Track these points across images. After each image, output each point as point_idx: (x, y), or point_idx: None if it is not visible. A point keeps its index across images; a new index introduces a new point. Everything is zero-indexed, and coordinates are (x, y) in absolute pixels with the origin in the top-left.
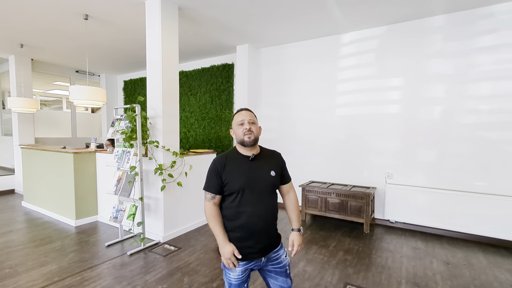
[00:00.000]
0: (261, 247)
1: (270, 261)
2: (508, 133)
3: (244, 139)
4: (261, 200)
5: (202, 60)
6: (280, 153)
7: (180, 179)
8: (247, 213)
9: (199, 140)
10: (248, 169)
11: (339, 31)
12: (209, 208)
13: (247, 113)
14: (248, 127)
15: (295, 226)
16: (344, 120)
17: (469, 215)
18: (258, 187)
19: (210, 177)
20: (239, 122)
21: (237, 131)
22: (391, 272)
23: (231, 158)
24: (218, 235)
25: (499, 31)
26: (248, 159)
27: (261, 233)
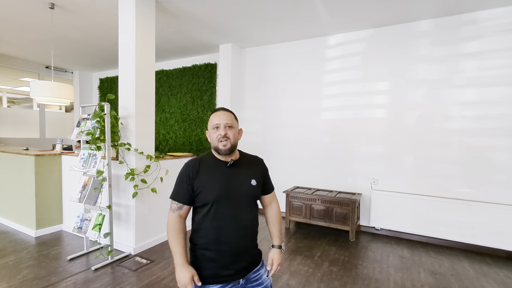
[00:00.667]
0: (239, 267)
1: (249, 282)
2: (492, 140)
3: (219, 147)
4: (240, 213)
5: (184, 59)
6: (262, 159)
7: (155, 185)
8: (223, 228)
9: (179, 142)
10: (225, 177)
11: (325, 33)
12: (173, 221)
13: (224, 114)
14: (223, 132)
15: (276, 242)
16: (329, 124)
17: (454, 222)
18: (237, 198)
19: (179, 184)
20: (214, 125)
21: (212, 135)
22: (379, 285)
23: (206, 164)
24: (177, 255)
25: (483, 38)
26: (225, 165)
27: (239, 251)
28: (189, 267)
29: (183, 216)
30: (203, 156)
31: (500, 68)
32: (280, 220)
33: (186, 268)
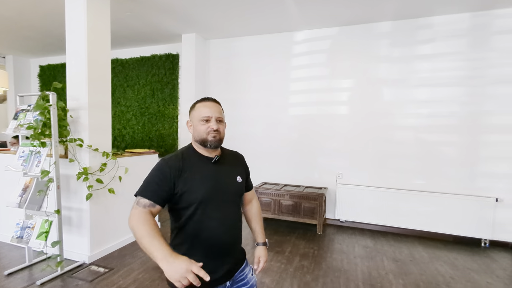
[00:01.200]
0: (227, 269)
1: (235, 283)
2: (442, 136)
3: (208, 139)
4: (227, 212)
5: (142, 48)
6: (243, 155)
7: (113, 185)
8: (211, 229)
9: (138, 138)
10: (211, 174)
11: (293, 28)
12: (144, 214)
13: (215, 106)
14: (216, 127)
15: (261, 239)
16: (297, 119)
17: (410, 212)
18: (224, 196)
19: (154, 181)
20: (203, 117)
21: (199, 127)
22: (348, 275)
23: (190, 160)
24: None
25: (436, 41)
26: (210, 161)
27: (227, 252)
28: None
29: (154, 214)
30: (184, 152)
31: (450, 70)
32: (261, 217)
33: (179, 257)
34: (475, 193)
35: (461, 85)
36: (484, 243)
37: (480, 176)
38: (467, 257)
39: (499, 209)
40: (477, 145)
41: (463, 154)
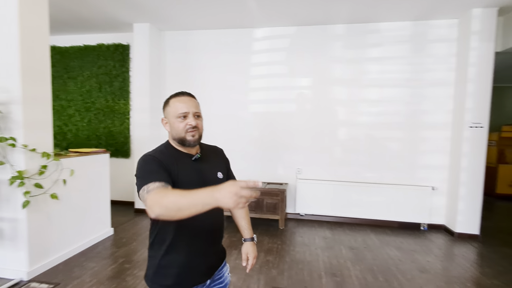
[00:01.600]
0: (210, 266)
1: (213, 282)
2: (389, 132)
3: (186, 137)
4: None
5: (86, 36)
6: (222, 150)
7: (55, 189)
8: (192, 228)
9: (82, 136)
10: (192, 171)
11: (252, 24)
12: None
13: (192, 101)
14: (194, 123)
15: (248, 235)
16: (258, 116)
17: (362, 203)
18: None
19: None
20: (180, 113)
21: (176, 125)
22: (311, 267)
23: (171, 157)
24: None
25: (383, 46)
26: (190, 158)
27: (208, 252)
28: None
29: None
30: (161, 149)
31: (395, 72)
32: (247, 212)
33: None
34: (415, 183)
35: (404, 87)
36: (423, 226)
37: (420, 168)
38: (410, 240)
39: (435, 197)
40: (417, 141)
41: (406, 148)
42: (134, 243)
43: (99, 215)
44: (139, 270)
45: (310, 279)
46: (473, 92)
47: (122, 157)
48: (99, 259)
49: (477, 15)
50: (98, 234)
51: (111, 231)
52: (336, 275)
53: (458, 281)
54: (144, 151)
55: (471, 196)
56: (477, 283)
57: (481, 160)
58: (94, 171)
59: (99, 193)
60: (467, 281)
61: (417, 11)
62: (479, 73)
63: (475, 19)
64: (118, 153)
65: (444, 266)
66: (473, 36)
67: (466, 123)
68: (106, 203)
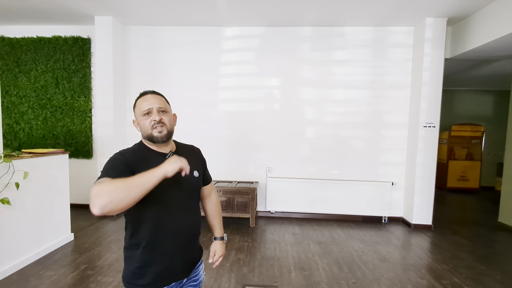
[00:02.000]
0: (186, 266)
1: (189, 279)
2: (353, 131)
3: (153, 134)
4: (184, 209)
5: (40, 27)
6: (199, 149)
7: (7, 193)
8: (168, 227)
9: (37, 135)
10: None
11: (222, 23)
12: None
13: (155, 97)
14: (158, 117)
15: (218, 234)
16: (228, 116)
17: (329, 199)
18: (180, 193)
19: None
20: (144, 111)
21: (142, 123)
22: (281, 262)
23: (143, 156)
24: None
25: (347, 49)
26: (163, 157)
27: (185, 250)
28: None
29: None
30: (134, 148)
31: (359, 75)
32: (220, 211)
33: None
34: (377, 179)
35: (367, 88)
36: (384, 219)
37: (381, 165)
38: (372, 233)
39: (394, 191)
40: (378, 139)
41: (368, 146)
42: (98, 248)
43: (58, 220)
44: (103, 276)
45: (280, 274)
46: (427, 95)
47: (83, 157)
48: (58, 267)
49: (430, 24)
50: (57, 240)
51: (71, 236)
52: (305, 269)
53: (413, 268)
54: (108, 151)
55: (425, 190)
56: (429, 269)
57: (433, 156)
58: (51, 173)
59: (58, 196)
60: (421, 268)
61: (377, 17)
62: (432, 78)
63: (428, 27)
64: (79, 154)
65: (402, 255)
66: (427, 43)
67: (421, 123)
68: (65, 207)
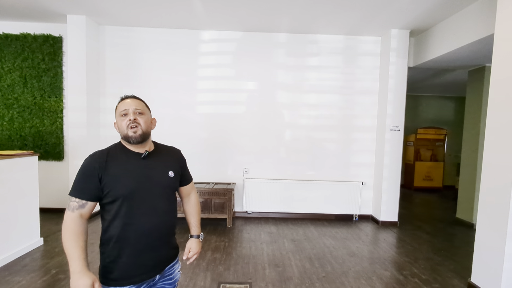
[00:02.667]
0: (156, 264)
1: (163, 277)
2: (326, 134)
3: (129, 134)
4: (156, 207)
5: (6, 23)
6: (179, 150)
7: None
8: (138, 224)
9: (3, 136)
10: (139, 168)
11: (199, 26)
12: (71, 221)
13: (133, 101)
14: (132, 117)
15: (195, 232)
16: (205, 118)
17: (304, 198)
18: (152, 191)
19: (82, 179)
20: (121, 112)
21: (119, 123)
22: (256, 260)
23: (115, 155)
24: (74, 260)
25: (320, 56)
26: (139, 156)
27: (156, 248)
28: (89, 273)
29: (85, 216)
30: (110, 148)
31: (330, 80)
32: (199, 210)
33: (86, 274)
34: (348, 179)
35: (338, 93)
36: (355, 217)
37: (352, 166)
38: (344, 230)
39: (364, 191)
40: (349, 141)
41: (340, 148)
42: None
43: (26, 225)
44: None
45: (254, 271)
46: (392, 100)
47: (54, 159)
48: (26, 272)
49: (394, 35)
50: (25, 245)
51: (41, 241)
52: (279, 266)
53: (379, 261)
54: (81, 153)
55: (391, 188)
56: (393, 261)
57: (398, 158)
58: (19, 176)
59: (26, 199)
60: (386, 261)
61: (348, 27)
62: (396, 84)
63: (393, 38)
64: (49, 156)
65: (369, 249)
66: (392, 53)
67: (387, 127)
68: (34, 211)
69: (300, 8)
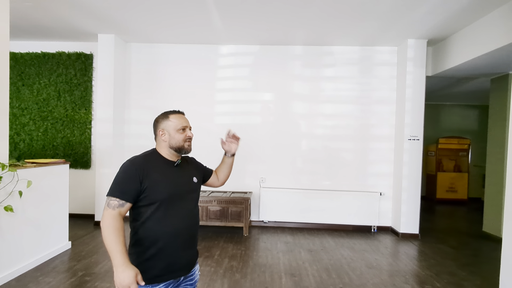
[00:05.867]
0: (184, 264)
1: (186, 278)
2: (343, 143)
3: (185, 146)
4: (187, 211)
5: (44, 43)
6: (193, 157)
7: (10, 201)
8: (169, 227)
9: (37, 146)
10: (174, 175)
11: (218, 41)
12: (113, 219)
13: (186, 118)
14: (191, 134)
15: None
16: (223, 128)
17: (320, 209)
18: (183, 196)
19: (125, 181)
20: (181, 127)
21: (176, 136)
22: (272, 269)
23: (154, 162)
24: (117, 254)
25: (336, 66)
26: (172, 164)
27: (186, 248)
28: (131, 266)
29: (123, 214)
30: (147, 155)
31: (346, 90)
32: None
33: (129, 266)
34: (366, 190)
35: (354, 103)
36: (373, 229)
37: (369, 176)
38: (362, 241)
39: (382, 201)
40: (366, 151)
41: (357, 158)
42: (95, 256)
43: (57, 229)
44: (101, 281)
45: (271, 280)
46: (410, 110)
47: (82, 168)
48: (56, 273)
49: (411, 44)
50: (55, 248)
51: (69, 245)
52: (295, 275)
53: (399, 274)
54: (106, 162)
55: (411, 199)
56: (414, 275)
57: (418, 168)
58: (52, 183)
59: (57, 205)
60: (406, 274)
61: (363, 38)
62: (414, 94)
63: (410, 48)
64: (77, 164)
65: (388, 262)
66: (409, 62)
67: (406, 136)
68: (64, 216)
69: (316, 21)
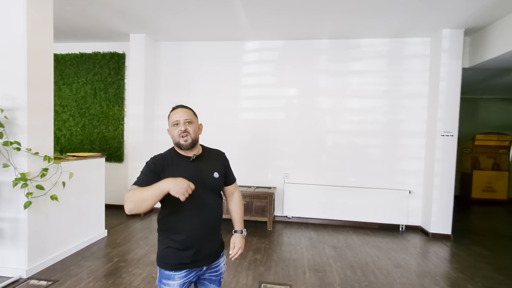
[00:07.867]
0: (205, 255)
1: (209, 269)
2: (370, 139)
3: (180, 142)
4: (204, 205)
5: (82, 44)
6: (224, 153)
7: (55, 191)
8: (189, 220)
9: (76, 141)
10: (189, 171)
11: (243, 38)
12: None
13: (183, 111)
14: (183, 128)
15: (238, 227)
16: (248, 124)
17: (345, 205)
18: (201, 191)
19: (144, 175)
20: (173, 122)
21: (172, 132)
22: (296, 264)
23: (169, 159)
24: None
25: (364, 60)
26: (188, 159)
27: (204, 241)
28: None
29: None
30: (166, 152)
31: (374, 84)
32: (242, 207)
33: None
34: (394, 187)
35: (382, 98)
36: (401, 227)
37: (397, 173)
38: (389, 240)
39: (411, 200)
40: (395, 147)
41: (385, 154)
42: (128, 244)
43: (94, 217)
44: (134, 268)
45: (294, 274)
46: (444, 104)
47: (116, 161)
48: (95, 258)
49: (446, 35)
50: (93, 235)
51: (105, 233)
52: (319, 271)
53: (428, 275)
54: (137, 156)
55: (444, 199)
56: (445, 276)
57: (452, 166)
58: (91, 175)
59: (95, 195)
60: (436, 275)
61: (393, 29)
62: (449, 87)
63: (445, 38)
64: (112, 158)
65: (417, 262)
66: (443, 54)
67: (438, 132)
68: (101, 206)
69: (343, 13)
